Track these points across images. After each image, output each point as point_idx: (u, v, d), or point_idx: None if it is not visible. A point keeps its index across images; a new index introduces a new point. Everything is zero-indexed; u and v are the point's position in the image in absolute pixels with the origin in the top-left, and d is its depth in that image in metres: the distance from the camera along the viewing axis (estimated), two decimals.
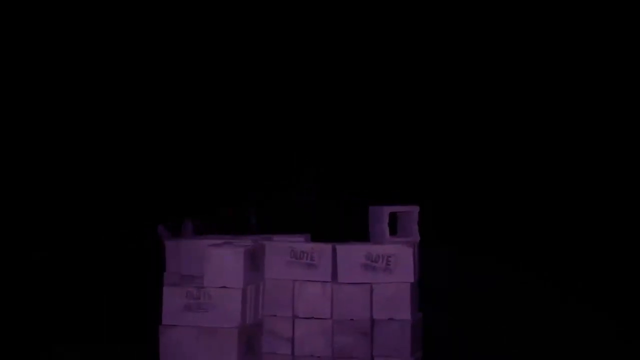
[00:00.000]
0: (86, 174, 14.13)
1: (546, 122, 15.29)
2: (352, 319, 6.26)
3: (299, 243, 6.52)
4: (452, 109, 15.49)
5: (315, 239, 6.86)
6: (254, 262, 6.22)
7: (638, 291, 10.66)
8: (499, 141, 15.40)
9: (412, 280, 6.31)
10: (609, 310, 9.75)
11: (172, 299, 6.09)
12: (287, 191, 15.31)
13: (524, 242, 13.67)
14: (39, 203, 13.85)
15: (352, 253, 6.35)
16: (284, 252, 6.41)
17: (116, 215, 13.85)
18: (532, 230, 14.13)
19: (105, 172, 14.05)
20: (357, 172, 15.34)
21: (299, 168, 15.35)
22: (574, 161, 15.02)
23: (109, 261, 12.03)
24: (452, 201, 13.40)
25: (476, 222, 14.33)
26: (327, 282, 6.32)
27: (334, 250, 6.39)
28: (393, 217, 6.86)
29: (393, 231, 6.82)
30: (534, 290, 10.95)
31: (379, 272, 6.28)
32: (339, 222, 12.47)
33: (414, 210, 6.83)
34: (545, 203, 14.87)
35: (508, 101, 15.29)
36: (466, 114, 15.50)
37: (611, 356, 8.00)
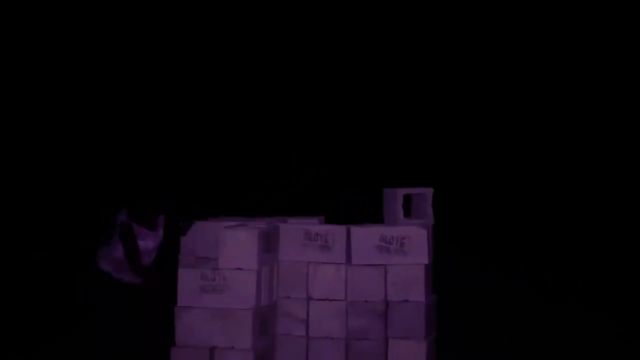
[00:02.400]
0: (90, 174, 14.17)
1: (545, 124, 15.28)
2: (366, 301, 6.27)
3: (313, 225, 6.53)
4: (448, 116, 15.51)
5: (329, 221, 6.86)
6: (269, 243, 6.24)
7: (637, 292, 10.67)
8: (499, 144, 15.40)
9: (426, 261, 6.31)
10: (608, 310, 9.74)
11: (187, 281, 6.12)
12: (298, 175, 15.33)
13: (524, 242, 13.68)
14: (39, 202, 13.86)
15: (366, 235, 6.34)
16: (298, 234, 6.41)
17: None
18: (533, 231, 14.13)
19: (107, 174, 14.08)
20: (369, 155, 15.36)
21: (303, 152, 15.36)
22: (579, 162, 15.01)
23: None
24: (452, 203, 13.34)
25: (477, 223, 14.33)
26: (342, 263, 6.32)
27: (348, 232, 6.39)
28: (407, 200, 6.86)
29: (407, 213, 6.82)
30: (533, 290, 10.96)
31: (393, 254, 6.28)
32: (352, 204, 12.47)
33: (428, 192, 6.83)
34: (545, 204, 14.87)
35: (509, 103, 15.28)
36: (461, 119, 15.52)
37: (611, 356, 8.00)
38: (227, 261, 6.05)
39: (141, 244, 5.96)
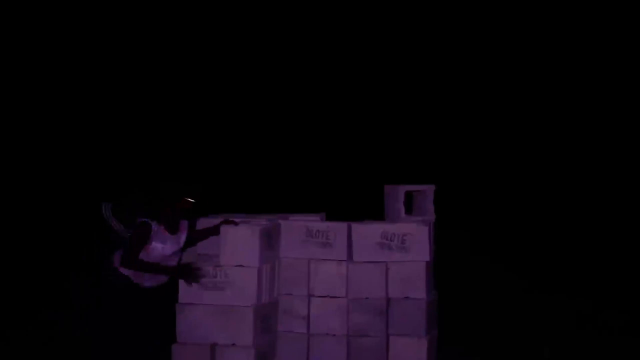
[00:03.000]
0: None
1: (544, 123, 15.29)
2: (367, 298, 6.27)
3: (315, 222, 6.52)
4: (451, 115, 15.51)
5: (330, 218, 6.85)
6: (270, 240, 6.23)
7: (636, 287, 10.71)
8: (501, 143, 15.42)
9: (427, 259, 6.31)
10: (615, 307, 9.73)
11: None
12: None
13: (526, 239, 13.68)
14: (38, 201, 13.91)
15: (367, 232, 6.34)
16: (299, 231, 6.41)
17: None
18: (535, 228, 14.14)
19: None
20: (371, 152, 15.36)
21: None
22: (578, 158, 15.02)
23: None
24: (454, 200, 13.32)
25: (479, 220, 14.35)
26: (343, 260, 6.32)
27: (349, 229, 6.39)
28: (409, 197, 6.86)
29: (408, 210, 6.81)
30: (535, 287, 10.98)
31: (395, 251, 6.28)
32: (354, 201, 12.47)
33: (430, 189, 6.82)
34: (546, 200, 14.88)
35: (508, 103, 15.27)
36: (463, 119, 15.52)
37: (612, 348, 8.03)
38: (228, 258, 6.05)
39: (157, 246, 5.88)
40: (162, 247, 5.90)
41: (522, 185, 15.12)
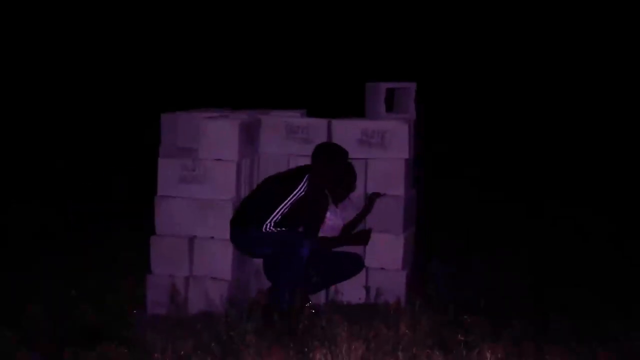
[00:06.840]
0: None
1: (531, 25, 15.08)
2: None
3: (295, 118, 6.48)
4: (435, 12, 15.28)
5: (310, 114, 6.81)
6: (249, 135, 6.20)
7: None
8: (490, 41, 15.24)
9: (407, 156, 6.30)
10: (605, 213, 9.78)
11: (167, 171, 6.11)
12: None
13: (509, 140, 13.69)
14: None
15: (347, 128, 6.31)
16: (279, 126, 6.37)
17: None
18: (519, 130, 14.12)
19: None
20: (353, 49, 15.20)
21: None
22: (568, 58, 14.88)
23: None
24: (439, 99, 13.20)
25: (462, 120, 14.31)
26: None
27: (329, 126, 6.37)
28: (390, 95, 6.81)
29: (390, 108, 6.78)
30: (518, 190, 11.03)
31: (374, 148, 6.26)
32: (335, 98, 12.41)
33: (412, 86, 6.77)
34: (528, 101, 14.82)
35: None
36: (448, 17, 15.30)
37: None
38: (208, 152, 6.04)
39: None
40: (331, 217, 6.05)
41: (508, 84, 15.05)
